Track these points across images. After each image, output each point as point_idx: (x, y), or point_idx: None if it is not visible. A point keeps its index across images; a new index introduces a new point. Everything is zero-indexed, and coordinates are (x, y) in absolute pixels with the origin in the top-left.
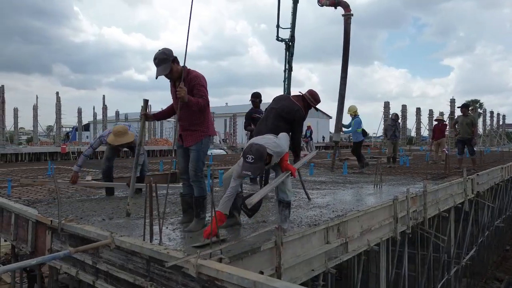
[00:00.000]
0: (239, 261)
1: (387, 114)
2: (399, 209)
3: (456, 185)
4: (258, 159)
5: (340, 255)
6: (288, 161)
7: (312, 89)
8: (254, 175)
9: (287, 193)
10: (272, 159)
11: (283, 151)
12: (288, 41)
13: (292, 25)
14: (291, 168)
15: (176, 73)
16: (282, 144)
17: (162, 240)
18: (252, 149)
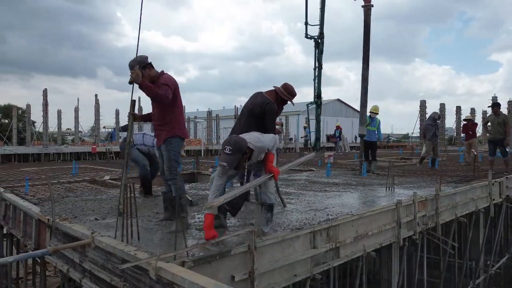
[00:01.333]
0: (206, 265)
1: (423, 114)
2: (403, 213)
3: (480, 189)
4: (235, 151)
5: (329, 261)
6: (273, 163)
7: (287, 83)
8: (229, 167)
9: (269, 195)
10: (253, 154)
11: (264, 147)
12: (317, 38)
13: (321, 21)
14: (274, 171)
15: (148, 78)
16: (264, 140)
17: (139, 240)
18: (231, 141)
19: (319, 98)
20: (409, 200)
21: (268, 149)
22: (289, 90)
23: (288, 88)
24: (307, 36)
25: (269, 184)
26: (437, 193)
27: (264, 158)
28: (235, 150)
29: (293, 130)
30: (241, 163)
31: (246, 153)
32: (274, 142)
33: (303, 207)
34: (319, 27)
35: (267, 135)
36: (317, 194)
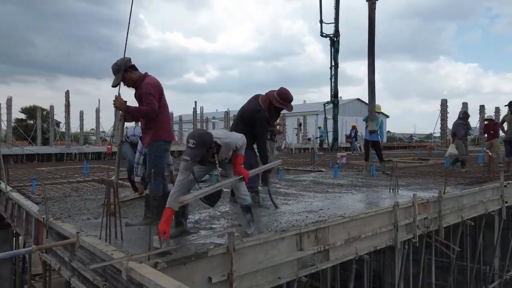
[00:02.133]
0: (181, 266)
1: (444, 113)
2: (401, 216)
3: (491, 191)
4: (199, 145)
5: (318, 263)
6: (242, 165)
7: (283, 87)
8: (192, 161)
9: (242, 197)
10: (220, 150)
11: (231, 143)
12: (333, 37)
13: (336, 19)
14: (244, 173)
15: (130, 81)
16: (233, 137)
17: (122, 240)
18: (195, 134)
19: (336, 97)
20: (409, 202)
21: (236, 147)
22: (283, 95)
23: (283, 94)
24: (322, 35)
25: (240, 186)
26: (440, 195)
27: (233, 160)
28: (198, 144)
29: (311, 130)
30: (206, 158)
31: (211, 148)
32: (242, 142)
33: (297, 208)
34: (334, 25)
35: (236, 134)
36: (317, 196)
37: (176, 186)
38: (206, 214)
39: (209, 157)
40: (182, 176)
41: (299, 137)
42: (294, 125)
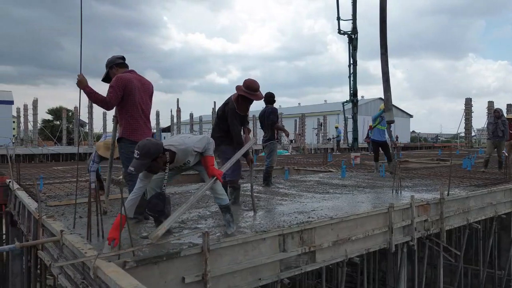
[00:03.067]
0: (152, 266)
1: (468, 112)
2: (398, 218)
3: (502, 193)
4: (143, 155)
5: (303, 265)
6: (214, 166)
7: (249, 78)
8: (136, 171)
9: (219, 197)
10: (176, 157)
11: (187, 149)
12: (351, 34)
13: (353, 16)
14: (216, 173)
15: (112, 77)
16: (189, 142)
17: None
18: (140, 145)
19: (355, 96)
20: (406, 204)
21: (196, 151)
22: (248, 85)
23: (248, 83)
24: (340, 32)
25: (215, 187)
26: (442, 197)
27: (203, 163)
28: (142, 155)
29: (332, 130)
30: (157, 167)
31: (160, 157)
32: (205, 143)
33: (289, 209)
34: (352, 22)
35: (196, 136)
36: (315, 196)
37: (133, 194)
38: (195, 214)
39: (160, 166)
40: (141, 183)
41: (319, 137)
42: (313, 125)
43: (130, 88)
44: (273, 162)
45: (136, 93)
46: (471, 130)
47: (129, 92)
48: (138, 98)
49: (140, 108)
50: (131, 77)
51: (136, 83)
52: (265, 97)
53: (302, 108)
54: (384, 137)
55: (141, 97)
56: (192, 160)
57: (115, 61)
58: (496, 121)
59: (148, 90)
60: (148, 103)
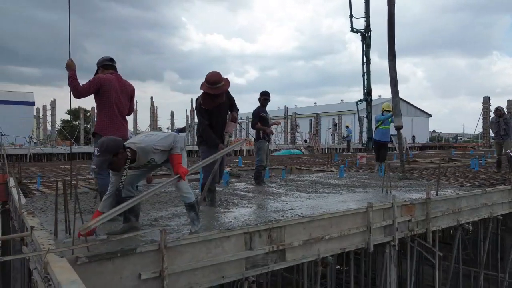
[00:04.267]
0: (107, 262)
1: (486, 111)
2: (377, 217)
3: (499, 194)
4: (103, 152)
5: (271, 263)
6: (181, 164)
7: (212, 71)
8: (99, 169)
9: (184, 195)
10: (137, 155)
11: (147, 147)
12: (364, 32)
13: (366, 14)
14: (181, 171)
15: None
16: (147, 140)
17: (70, 235)
18: (99, 142)
19: (369, 95)
20: (388, 204)
21: (156, 149)
22: (207, 78)
23: (207, 76)
24: (353, 30)
25: (180, 185)
26: (428, 197)
27: (170, 161)
28: (102, 151)
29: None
30: (118, 165)
31: (119, 154)
32: (170, 141)
33: (268, 208)
34: (365, 20)
35: (160, 134)
36: (301, 196)
37: (108, 191)
38: (170, 212)
39: (121, 163)
40: (112, 180)
41: (334, 137)
42: (328, 125)
43: (106, 88)
44: (263, 161)
45: (113, 93)
46: (488, 130)
47: (105, 91)
48: (115, 98)
49: (115, 107)
50: (110, 78)
51: (115, 84)
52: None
53: (318, 107)
54: (387, 138)
55: (118, 98)
56: (158, 158)
57: (102, 62)
58: (498, 120)
59: (127, 92)
60: (125, 103)
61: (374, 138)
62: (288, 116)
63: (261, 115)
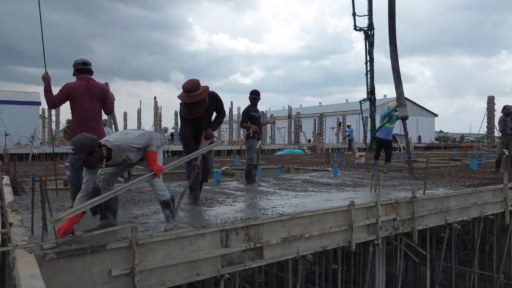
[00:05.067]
0: (76, 258)
1: (491, 111)
2: (360, 216)
3: (490, 193)
4: (77, 150)
5: (248, 261)
6: (156, 161)
7: (189, 79)
8: (72, 167)
9: (158, 193)
10: (113, 153)
11: (122, 145)
12: (367, 30)
13: (369, 12)
14: (156, 169)
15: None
16: (126, 138)
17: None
18: (74, 140)
19: (373, 94)
20: (371, 202)
21: (132, 147)
22: (183, 85)
23: (184, 85)
24: (356, 28)
25: (154, 182)
26: (413, 196)
27: (145, 158)
28: (76, 149)
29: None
30: (93, 162)
31: (95, 152)
32: (145, 139)
33: (250, 206)
34: (368, 18)
35: (136, 132)
36: (288, 194)
37: (82, 189)
38: (151, 210)
39: (96, 161)
40: (86, 177)
41: (338, 137)
42: (332, 125)
43: (74, 95)
44: (253, 160)
45: (81, 99)
46: (493, 129)
47: (73, 98)
48: (83, 104)
49: (84, 111)
50: (75, 85)
51: (82, 90)
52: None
53: (322, 107)
54: (391, 137)
55: (86, 102)
56: (134, 156)
57: (76, 66)
58: (505, 118)
59: (95, 94)
60: (95, 106)
61: (378, 136)
62: (292, 116)
63: (251, 114)
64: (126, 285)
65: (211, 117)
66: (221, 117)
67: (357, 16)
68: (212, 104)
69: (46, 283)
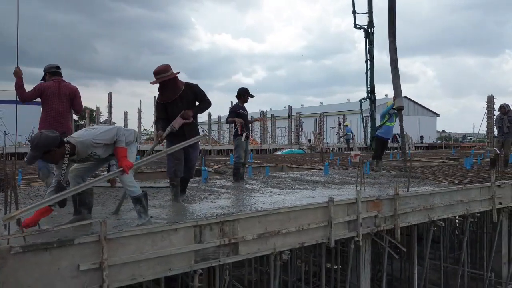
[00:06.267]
0: (43, 252)
1: (490, 111)
2: (340, 213)
3: (477, 191)
4: (33, 147)
5: (223, 257)
6: (125, 157)
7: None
8: (28, 163)
9: (128, 189)
10: (77, 149)
11: (85, 141)
12: (367, 28)
13: (369, 9)
14: (124, 165)
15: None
16: (86, 134)
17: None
18: (34, 137)
19: (373, 93)
20: (351, 199)
21: (96, 143)
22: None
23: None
24: (356, 26)
25: (123, 179)
26: (396, 193)
27: (115, 154)
28: (33, 147)
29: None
30: (54, 158)
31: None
32: (112, 135)
33: (231, 202)
34: (368, 16)
35: (101, 128)
36: (273, 191)
37: (52, 184)
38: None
39: (56, 158)
40: (56, 172)
41: (339, 137)
42: (333, 125)
43: (46, 94)
44: (240, 157)
45: (52, 98)
46: (493, 129)
47: (45, 97)
48: (54, 103)
49: (55, 110)
50: (48, 85)
51: (54, 89)
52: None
53: (323, 107)
54: (391, 135)
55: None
56: (101, 152)
57: (49, 69)
58: (502, 117)
59: (65, 95)
60: (65, 105)
61: (379, 135)
62: (292, 115)
63: (239, 112)
64: (95, 279)
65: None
66: (204, 104)
67: (357, 14)
68: (191, 94)
69: (12, 276)
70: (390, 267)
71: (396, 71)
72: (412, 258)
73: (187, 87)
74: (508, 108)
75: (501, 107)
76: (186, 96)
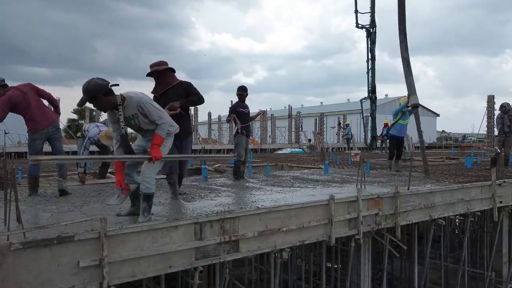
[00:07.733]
0: (43, 248)
1: (491, 110)
2: (341, 210)
3: (478, 189)
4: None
5: (223, 254)
6: (158, 146)
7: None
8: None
9: (145, 183)
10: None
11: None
12: (369, 27)
13: (372, 9)
14: (153, 153)
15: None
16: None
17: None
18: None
19: (374, 93)
20: (352, 197)
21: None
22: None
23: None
24: (358, 26)
25: (145, 169)
26: (396, 191)
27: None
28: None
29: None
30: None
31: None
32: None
33: (231, 200)
34: (370, 15)
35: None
36: (273, 190)
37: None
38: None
39: (104, 105)
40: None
41: (339, 136)
42: (334, 124)
43: (14, 101)
44: (241, 156)
45: (19, 100)
46: (493, 129)
47: (15, 104)
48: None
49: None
50: (12, 94)
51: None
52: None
53: (324, 107)
54: (404, 134)
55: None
56: (143, 123)
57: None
58: (503, 116)
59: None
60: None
61: (392, 133)
62: (292, 115)
63: (239, 110)
64: (95, 276)
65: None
66: (194, 98)
67: (359, 13)
68: (182, 90)
69: (12, 273)
70: (391, 266)
71: (408, 68)
72: (412, 257)
73: (179, 83)
74: (508, 107)
75: (502, 106)
76: (177, 92)
